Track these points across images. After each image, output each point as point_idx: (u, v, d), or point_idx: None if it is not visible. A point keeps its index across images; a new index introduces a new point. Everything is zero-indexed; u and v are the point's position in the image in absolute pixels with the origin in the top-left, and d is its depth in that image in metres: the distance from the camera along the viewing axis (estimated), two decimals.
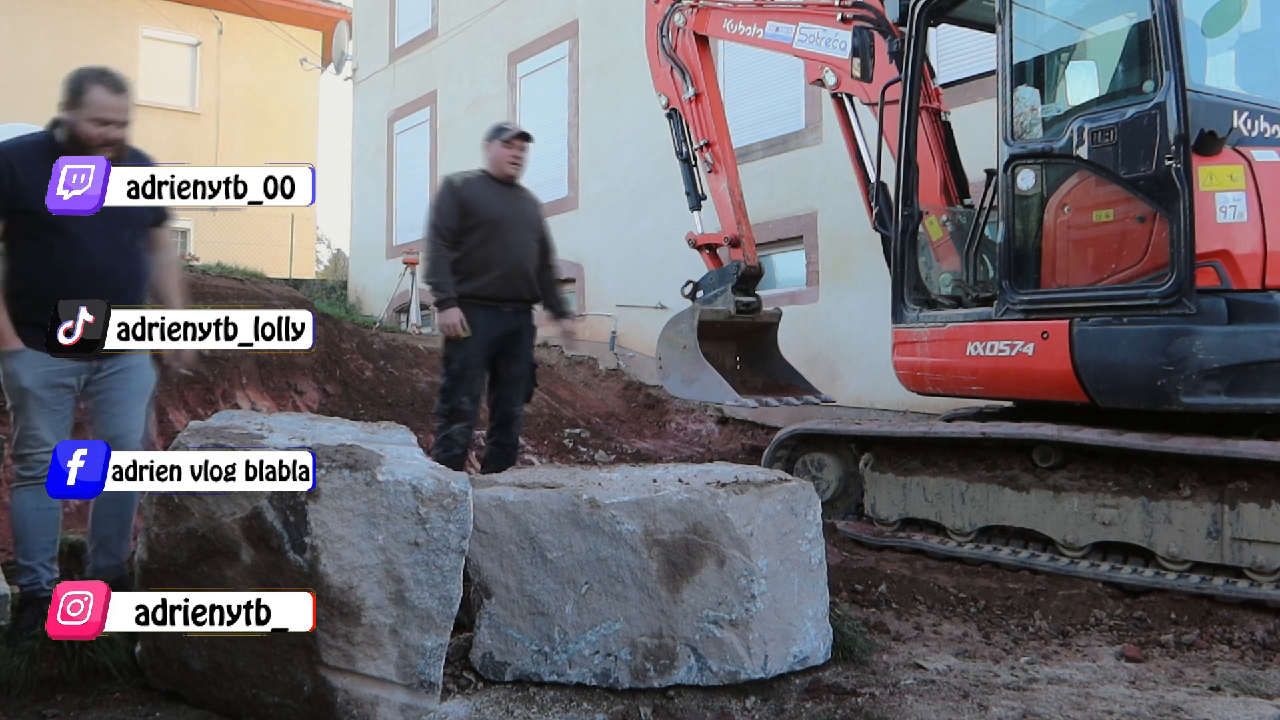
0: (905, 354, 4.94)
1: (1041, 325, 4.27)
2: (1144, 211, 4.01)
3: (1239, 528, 3.79)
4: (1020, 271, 4.41)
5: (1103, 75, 4.52)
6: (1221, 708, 2.70)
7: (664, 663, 2.73)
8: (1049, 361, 4.23)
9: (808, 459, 5.29)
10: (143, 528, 2.68)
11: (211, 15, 18.95)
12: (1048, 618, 3.71)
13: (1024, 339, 4.31)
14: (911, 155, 4.92)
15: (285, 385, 7.12)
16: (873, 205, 5.24)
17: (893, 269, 5.03)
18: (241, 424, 2.85)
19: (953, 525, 4.59)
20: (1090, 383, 4.13)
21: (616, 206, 10.28)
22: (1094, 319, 4.12)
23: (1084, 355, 4.12)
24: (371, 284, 14.53)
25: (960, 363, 4.59)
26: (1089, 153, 4.09)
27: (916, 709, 2.64)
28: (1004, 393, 4.59)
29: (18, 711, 2.61)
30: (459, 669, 2.81)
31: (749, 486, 2.88)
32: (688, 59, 6.07)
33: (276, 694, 2.52)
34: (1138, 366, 3.96)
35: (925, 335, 4.78)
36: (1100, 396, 4.15)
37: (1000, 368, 4.42)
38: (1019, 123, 4.35)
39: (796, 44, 5.52)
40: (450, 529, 2.53)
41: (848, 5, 5.27)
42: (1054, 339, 4.20)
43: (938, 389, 4.83)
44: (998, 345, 4.41)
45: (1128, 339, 4.00)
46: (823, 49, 5.41)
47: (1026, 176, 4.34)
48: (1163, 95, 3.88)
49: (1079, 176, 4.25)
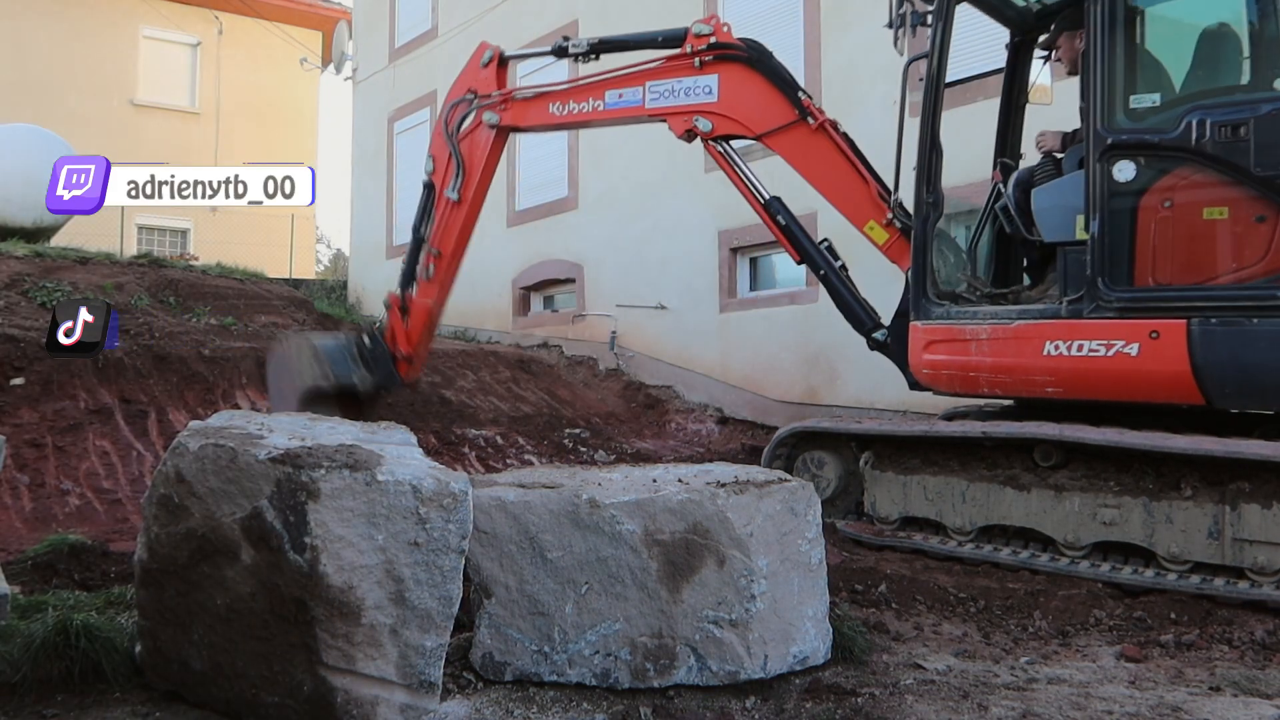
0: (941, 353, 4.68)
1: (1149, 324, 4.05)
2: (1264, 210, 3.87)
3: (1240, 528, 3.78)
4: (1115, 268, 4.16)
5: (1205, 68, 4.39)
6: (1221, 708, 2.70)
7: (664, 663, 2.73)
8: (1160, 362, 4.01)
9: (807, 457, 5.26)
10: (143, 528, 2.67)
11: (211, 15, 18.98)
12: (1048, 618, 3.71)
13: (1125, 338, 4.09)
14: (936, 138, 4.72)
15: None
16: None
17: (913, 263, 4.81)
18: (241, 424, 2.84)
19: (953, 524, 4.58)
20: (1212, 384, 3.95)
21: (616, 206, 10.28)
22: (1215, 319, 3.93)
23: (1206, 356, 3.92)
24: (371, 284, 14.53)
25: (1034, 363, 4.34)
26: (1212, 147, 3.91)
27: (916, 709, 2.64)
28: (1091, 394, 4.33)
29: (18, 711, 2.61)
30: (459, 669, 2.81)
31: (749, 486, 2.88)
32: (472, 159, 5.52)
33: (276, 694, 2.52)
34: (1273, 368, 3.82)
35: (984, 333, 4.51)
36: (1222, 398, 3.98)
37: (1091, 368, 4.19)
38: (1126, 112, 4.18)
39: (649, 104, 5.24)
40: (450, 529, 2.53)
41: (702, 51, 5.06)
42: (1166, 338, 4.00)
43: (996, 390, 4.59)
44: (1089, 345, 4.17)
45: (1263, 340, 3.84)
46: (685, 100, 5.17)
47: (1125, 168, 4.12)
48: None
49: (1184, 169, 4.05)
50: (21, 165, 9.37)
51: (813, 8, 8.41)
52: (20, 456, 5.52)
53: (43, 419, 5.85)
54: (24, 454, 5.56)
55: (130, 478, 5.77)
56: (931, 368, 4.73)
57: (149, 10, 18.28)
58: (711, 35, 5.08)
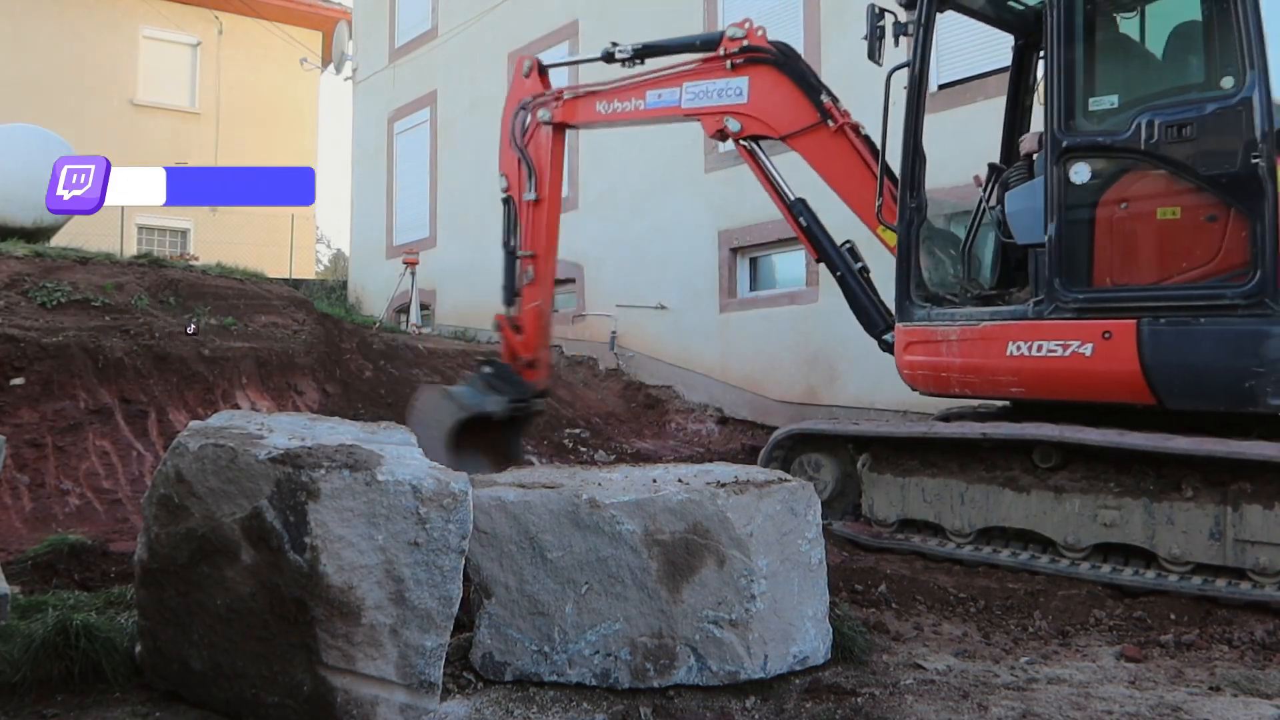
0: (919, 354, 4.74)
1: (1102, 324, 4.10)
2: (1215, 209, 3.89)
3: (1242, 529, 3.78)
4: (1072, 269, 4.21)
5: (1163, 69, 4.41)
6: (1221, 708, 2.70)
7: (664, 663, 2.73)
8: (1112, 362, 4.06)
9: (804, 459, 5.25)
10: (143, 528, 2.67)
11: (211, 15, 18.98)
12: (1047, 618, 3.71)
13: (1080, 339, 4.14)
14: (918, 144, 4.77)
15: (285, 385, 7.12)
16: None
17: (897, 265, 4.87)
18: (241, 424, 2.84)
19: (952, 526, 4.58)
20: (1161, 384, 3.98)
21: (616, 206, 10.28)
22: (1164, 319, 3.97)
23: (1155, 356, 3.96)
24: (371, 284, 14.53)
25: (998, 363, 4.40)
26: (1161, 148, 3.94)
27: (916, 709, 2.64)
28: (1050, 394, 4.39)
29: (18, 711, 2.61)
30: (459, 669, 2.81)
31: (749, 486, 2.88)
32: (539, 159, 5.70)
33: (276, 694, 2.52)
34: (1221, 368, 3.85)
35: (954, 334, 4.58)
36: (1170, 398, 4.01)
37: (1049, 368, 4.24)
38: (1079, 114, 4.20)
39: (685, 104, 5.39)
40: (450, 529, 2.53)
41: (734, 54, 5.17)
42: (1118, 339, 4.04)
43: (966, 390, 4.64)
44: (1047, 345, 4.22)
45: (1210, 340, 3.86)
46: (717, 100, 5.30)
47: (1081, 170, 4.16)
48: (1248, 91, 3.78)
49: (1137, 170, 4.09)
50: (21, 165, 9.35)
51: (813, 8, 8.41)
52: (20, 456, 5.52)
53: (43, 419, 5.85)
54: (24, 454, 5.55)
55: (130, 478, 5.77)
56: (910, 368, 4.83)
57: (149, 10, 18.28)
58: (744, 39, 5.19)
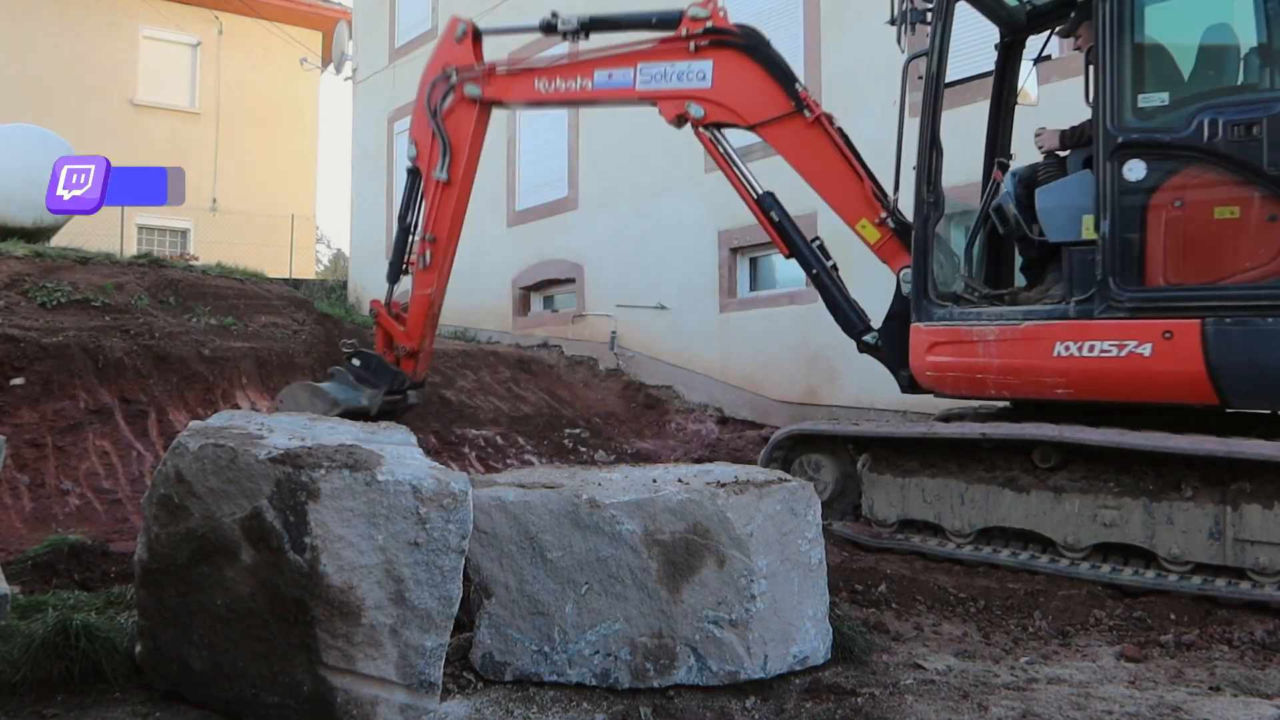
0: (947, 355, 4.63)
1: (1162, 324, 4.02)
2: (1276, 209, 3.85)
3: (1242, 529, 3.78)
4: (1126, 268, 4.14)
5: (1221, 66, 4.37)
6: (1221, 708, 2.70)
7: (664, 663, 2.73)
8: (1174, 362, 3.98)
9: (804, 460, 5.23)
10: (143, 528, 2.67)
11: (211, 15, 18.99)
12: (1047, 618, 3.71)
13: (1138, 339, 4.06)
14: (936, 136, 4.69)
15: (285, 385, 7.12)
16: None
17: (914, 264, 4.76)
18: (241, 424, 2.84)
19: (952, 527, 4.58)
20: (1227, 384, 3.93)
21: (616, 206, 10.28)
22: (1229, 318, 3.91)
23: (1221, 356, 3.90)
24: (371, 284, 14.51)
25: (1043, 363, 4.30)
26: (1225, 146, 3.89)
27: (916, 709, 2.64)
28: (1101, 395, 4.29)
29: (18, 711, 2.61)
30: (459, 669, 2.81)
31: (749, 486, 2.88)
32: (457, 137, 5.32)
33: (276, 694, 2.52)
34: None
35: (992, 334, 4.48)
36: (1236, 399, 3.98)
37: (1102, 369, 4.15)
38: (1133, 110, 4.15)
39: (640, 86, 5.09)
40: (450, 529, 2.53)
41: (698, 35, 4.93)
42: (1180, 339, 3.97)
43: (1004, 392, 4.55)
44: (1100, 345, 4.14)
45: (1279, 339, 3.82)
46: (677, 84, 5.02)
47: (1136, 167, 4.10)
48: None
49: (1196, 168, 4.03)
50: (21, 165, 9.36)
51: (813, 8, 8.41)
52: (20, 456, 5.52)
53: (43, 419, 5.85)
54: (24, 454, 5.55)
55: (130, 478, 5.77)
56: (936, 370, 4.69)
57: (149, 10, 18.28)
58: (708, 19, 4.98)
